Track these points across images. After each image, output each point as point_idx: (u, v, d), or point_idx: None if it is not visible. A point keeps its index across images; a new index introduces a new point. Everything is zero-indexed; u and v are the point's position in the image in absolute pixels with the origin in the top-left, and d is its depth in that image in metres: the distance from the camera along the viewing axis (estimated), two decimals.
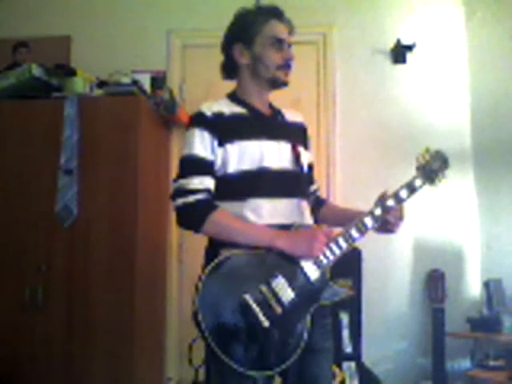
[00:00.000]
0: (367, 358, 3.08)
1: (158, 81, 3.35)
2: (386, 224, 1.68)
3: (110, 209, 2.86)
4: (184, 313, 3.28)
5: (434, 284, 3.05)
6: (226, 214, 1.59)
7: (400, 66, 3.44)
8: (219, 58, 1.78)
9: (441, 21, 3.48)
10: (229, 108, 1.70)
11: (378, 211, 1.65)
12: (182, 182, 1.61)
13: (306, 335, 1.53)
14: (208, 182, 1.62)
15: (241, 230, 1.56)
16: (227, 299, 1.48)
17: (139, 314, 2.85)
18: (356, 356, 3.06)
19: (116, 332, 2.77)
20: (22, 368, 2.79)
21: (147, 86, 3.18)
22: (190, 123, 1.70)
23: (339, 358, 3.01)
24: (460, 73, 3.45)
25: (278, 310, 1.51)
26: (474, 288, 3.27)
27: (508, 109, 3.28)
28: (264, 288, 1.51)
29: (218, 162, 1.64)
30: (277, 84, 1.73)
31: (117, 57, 3.49)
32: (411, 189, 1.70)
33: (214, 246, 1.60)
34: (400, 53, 3.40)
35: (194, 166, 1.63)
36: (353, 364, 3.02)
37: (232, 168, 1.64)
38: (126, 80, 3.04)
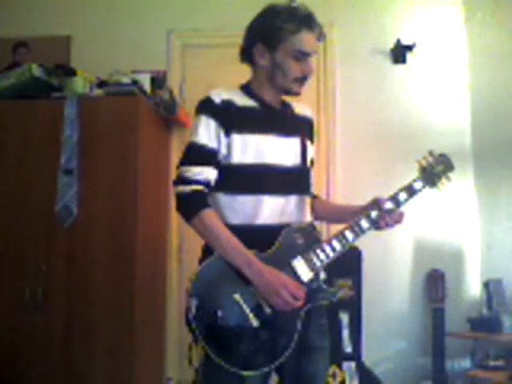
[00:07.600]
0: (367, 358, 3.08)
1: (158, 81, 3.34)
2: (382, 224, 1.67)
3: (110, 209, 2.86)
4: (184, 313, 3.27)
5: (434, 284, 3.05)
6: (215, 218, 1.56)
7: (400, 66, 3.44)
8: (219, 57, 1.77)
9: (441, 21, 3.48)
10: (240, 99, 1.66)
11: (374, 214, 1.64)
12: (183, 169, 1.59)
13: (296, 336, 1.52)
14: (208, 173, 1.59)
15: (221, 240, 1.53)
16: (218, 298, 1.48)
17: (139, 314, 2.84)
18: (356, 356, 3.06)
19: (116, 332, 2.77)
20: (22, 368, 2.78)
21: (147, 86, 3.17)
22: (197, 109, 1.65)
23: (339, 357, 3.01)
24: (460, 73, 3.45)
25: (268, 310, 1.50)
26: (473, 288, 3.27)
27: (508, 109, 3.28)
28: (253, 288, 1.50)
29: (224, 151, 1.60)
30: (289, 94, 1.71)
31: (117, 57, 3.49)
32: (411, 191, 1.69)
33: None
34: (400, 53, 3.40)
35: (197, 154, 1.60)
36: (353, 364, 3.02)
37: (235, 159, 1.60)
38: (126, 80, 3.03)
